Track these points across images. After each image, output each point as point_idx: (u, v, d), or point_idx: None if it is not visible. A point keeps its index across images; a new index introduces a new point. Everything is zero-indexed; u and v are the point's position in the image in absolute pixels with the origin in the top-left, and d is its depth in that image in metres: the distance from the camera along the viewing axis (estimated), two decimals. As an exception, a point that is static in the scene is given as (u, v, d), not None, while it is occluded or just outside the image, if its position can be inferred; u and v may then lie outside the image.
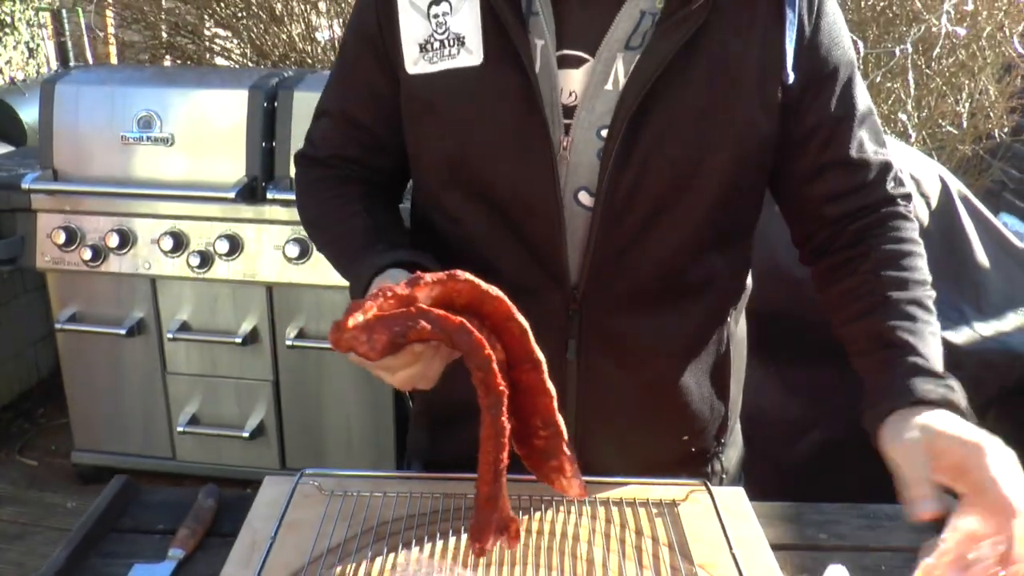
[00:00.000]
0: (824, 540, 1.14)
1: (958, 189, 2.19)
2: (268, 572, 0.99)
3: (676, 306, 1.14)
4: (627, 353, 1.14)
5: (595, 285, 1.09)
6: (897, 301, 1.07)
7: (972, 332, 1.95)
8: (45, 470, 3.08)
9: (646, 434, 1.20)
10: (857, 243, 1.13)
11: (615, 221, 1.06)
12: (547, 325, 1.09)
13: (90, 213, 2.60)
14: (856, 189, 1.12)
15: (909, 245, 1.12)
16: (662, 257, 1.09)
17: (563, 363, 1.13)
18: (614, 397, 1.16)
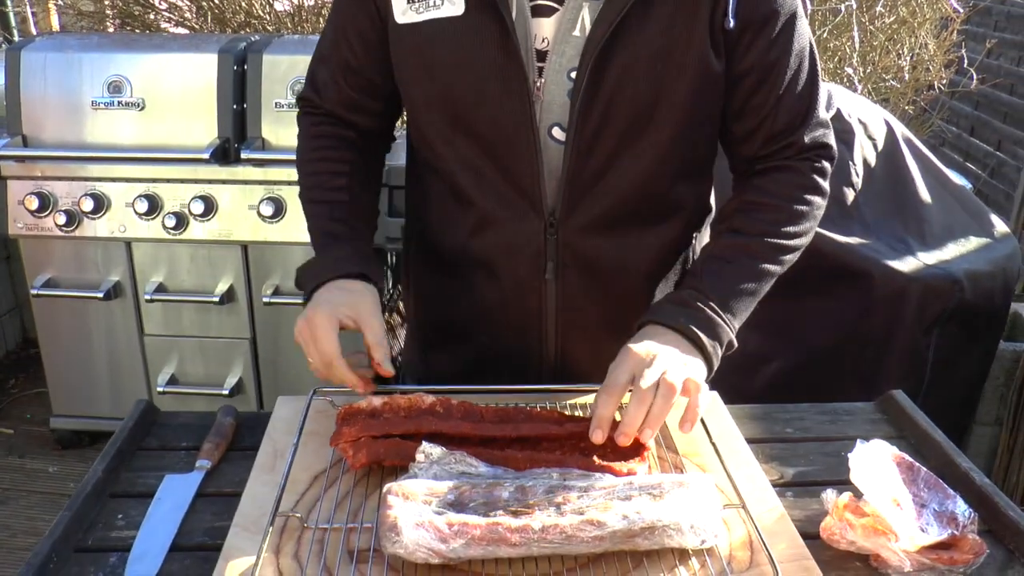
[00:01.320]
0: (791, 433, 1.26)
1: (902, 132, 2.33)
2: (292, 475, 1.08)
3: (644, 229, 1.26)
4: (599, 272, 1.27)
5: (570, 211, 1.21)
6: (723, 242, 1.23)
7: (916, 261, 2.09)
8: (22, 438, 3.10)
9: (617, 343, 1.31)
10: (745, 189, 1.26)
11: (586, 153, 1.18)
12: (527, 249, 1.24)
13: (62, 179, 2.61)
14: (771, 135, 1.22)
15: (773, 199, 1.23)
16: (630, 184, 1.21)
17: (542, 283, 1.26)
18: (588, 312, 1.29)
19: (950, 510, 1.02)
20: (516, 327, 1.30)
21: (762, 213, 1.23)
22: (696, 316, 1.15)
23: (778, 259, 1.22)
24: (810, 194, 1.24)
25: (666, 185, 1.24)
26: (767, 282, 1.22)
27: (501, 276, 1.27)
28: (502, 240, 1.25)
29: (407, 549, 0.92)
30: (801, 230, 1.23)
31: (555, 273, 1.25)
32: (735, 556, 0.98)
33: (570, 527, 0.93)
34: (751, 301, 1.21)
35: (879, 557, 0.98)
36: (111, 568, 0.98)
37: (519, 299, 1.28)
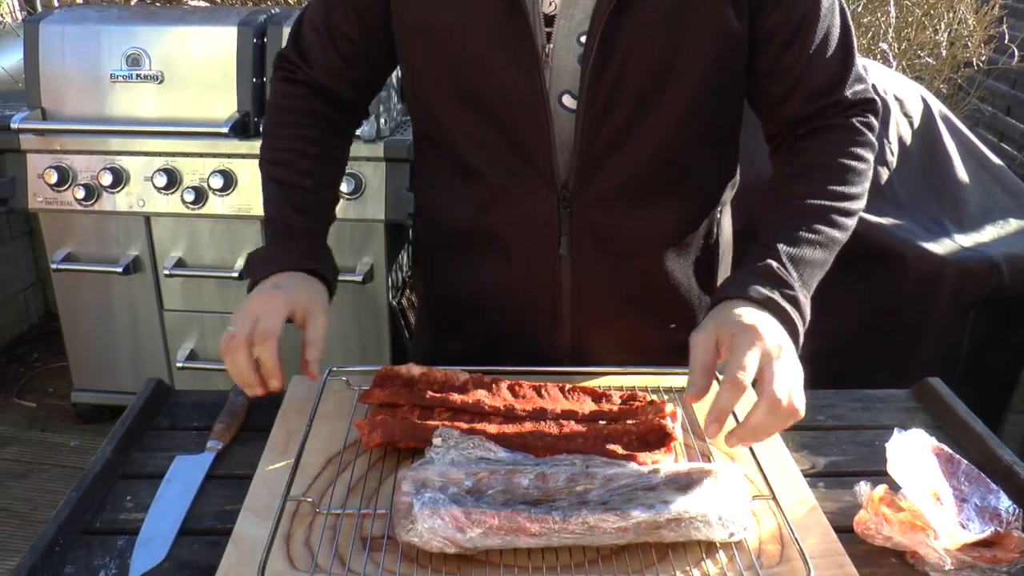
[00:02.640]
0: (822, 421, 1.21)
1: (939, 109, 2.25)
2: (306, 457, 1.05)
3: (662, 202, 1.21)
4: (616, 247, 1.21)
5: (583, 183, 1.16)
6: (793, 208, 1.13)
7: (952, 243, 2.03)
8: (44, 411, 3.11)
9: (635, 323, 1.29)
10: (795, 152, 1.18)
11: (598, 121, 1.12)
12: (540, 223, 1.19)
13: (81, 152, 2.59)
14: (810, 93, 1.15)
15: (829, 159, 1.15)
16: (645, 155, 1.15)
17: (556, 258, 1.21)
18: (605, 288, 1.24)
19: (993, 505, 0.97)
20: (530, 306, 1.26)
21: (821, 174, 1.15)
22: (787, 295, 1.05)
23: (843, 224, 1.13)
24: (863, 149, 1.17)
25: (685, 154, 1.19)
26: (834, 251, 1.13)
27: (513, 253, 1.23)
28: (514, 215, 1.20)
29: (422, 538, 0.88)
30: (860, 191, 1.16)
31: (569, 248, 1.20)
32: (764, 550, 0.94)
33: (592, 518, 0.89)
34: (819, 274, 1.12)
35: (916, 554, 0.94)
36: (119, 551, 0.95)
37: (532, 277, 1.23)
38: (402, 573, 0.89)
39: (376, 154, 2.48)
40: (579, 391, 1.14)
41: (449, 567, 0.90)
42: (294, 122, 1.25)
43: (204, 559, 0.94)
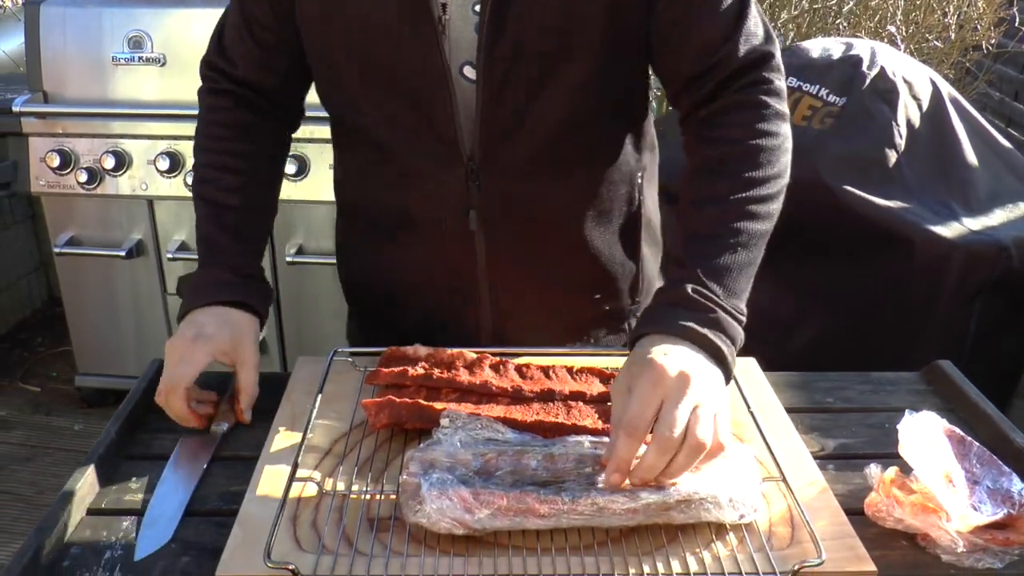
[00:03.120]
0: (832, 403, 1.21)
1: (948, 92, 2.23)
2: (312, 438, 1.04)
3: (573, 171, 1.19)
4: (529, 218, 1.20)
5: (489, 155, 1.14)
6: (705, 214, 1.07)
7: (960, 226, 2.01)
8: (48, 396, 3.11)
9: (558, 296, 1.27)
10: (701, 143, 1.12)
11: (499, 92, 1.10)
12: (450, 199, 1.17)
13: (83, 136, 2.58)
14: (700, 47, 1.09)
15: (732, 145, 1.08)
16: (551, 123, 1.13)
17: (467, 233, 1.19)
18: (522, 262, 1.23)
19: (1005, 488, 0.96)
20: (447, 286, 1.25)
21: (727, 167, 1.08)
22: (706, 319, 0.98)
23: (763, 214, 1.06)
24: (770, 123, 1.08)
25: (595, 123, 1.16)
26: (760, 244, 1.06)
27: (426, 232, 1.22)
28: (424, 191, 1.19)
29: (430, 519, 0.88)
30: (777, 170, 1.08)
31: (480, 223, 1.18)
32: (775, 532, 0.93)
33: (602, 499, 0.88)
34: (750, 273, 1.05)
35: (928, 536, 0.93)
36: (124, 532, 0.95)
37: (447, 256, 1.22)
38: (409, 554, 0.88)
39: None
40: (587, 372, 1.13)
41: (457, 548, 0.89)
42: (219, 135, 1.24)
43: (210, 540, 0.93)
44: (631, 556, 0.89)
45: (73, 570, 0.90)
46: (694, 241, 1.06)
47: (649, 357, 0.93)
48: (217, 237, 1.20)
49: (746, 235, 1.04)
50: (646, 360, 0.93)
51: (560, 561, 0.88)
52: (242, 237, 1.22)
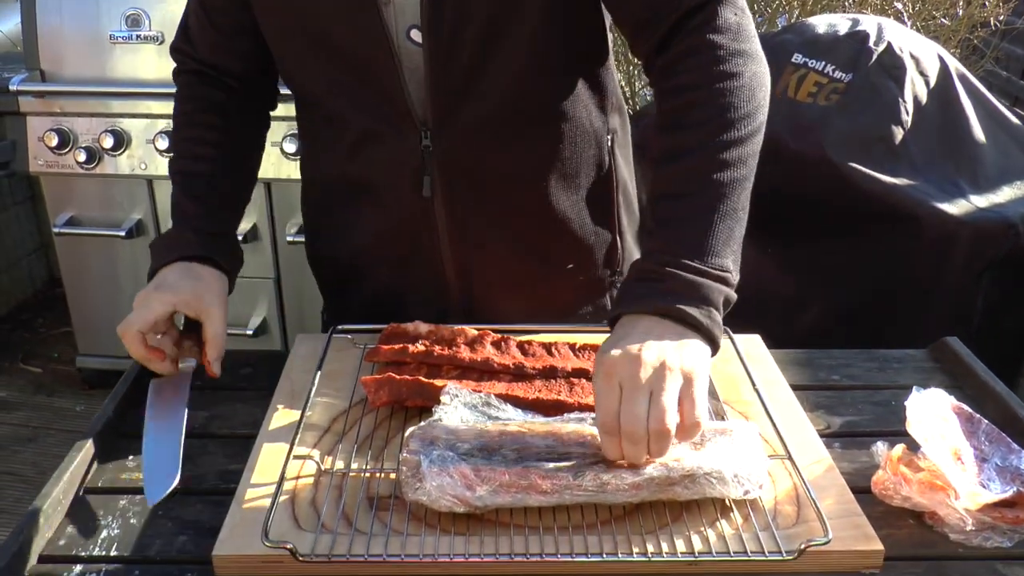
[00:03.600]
0: (838, 380, 1.19)
1: (956, 68, 2.20)
2: (311, 416, 1.03)
3: (534, 134, 1.16)
4: (489, 184, 1.17)
5: (442, 120, 1.12)
6: (663, 174, 1.01)
7: (968, 204, 1.99)
8: (50, 377, 3.11)
9: (528, 267, 1.24)
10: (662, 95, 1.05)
11: (446, 53, 1.08)
12: (406, 166, 1.15)
13: (82, 115, 2.56)
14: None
15: (692, 92, 1.00)
16: (505, 85, 1.10)
17: (425, 202, 1.17)
18: (485, 231, 1.20)
19: (1014, 465, 0.95)
20: (410, 258, 1.23)
21: (687, 115, 0.99)
22: (672, 288, 0.92)
23: (734, 158, 0.96)
24: (727, 63, 0.99)
25: (548, 81, 1.13)
26: (739, 192, 0.96)
27: (385, 200, 1.20)
28: (379, 159, 1.17)
29: (430, 496, 0.86)
30: (743, 112, 0.98)
31: (436, 190, 1.16)
32: (781, 510, 0.91)
33: (606, 475, 0.87)
34: (731, 225, 0.95)
35: (935, 515, 0.92)
36: (121, 510, 0.94)
37: (406, 224, 1.20)
38: (410, 533, 0.87)
39: None
40: (589, 349, 1.12)
41: (458, 527, 0.88)
42: (188, 111, 1.24)
43: (208, 519, 0.92)
44: (635, 535, 0.87)
45: (70, 548, 0.89)
46: (663, 202, 0.99)
47: (601, 356, 0.90)
48: (185, 205, 1.20)
49: (719, 186, 0.96)
50: (600, 359, 0.90)
51: (563, 540, 0.87)
52: (210, 203, 1.20)
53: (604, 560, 0.85)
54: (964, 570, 0.87)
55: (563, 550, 0.85)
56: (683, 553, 0.86)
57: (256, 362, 1.19)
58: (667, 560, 0.85)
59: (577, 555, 0.85)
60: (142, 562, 0.87)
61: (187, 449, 1.03)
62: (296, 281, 2.71)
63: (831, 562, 0.86)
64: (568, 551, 0.85)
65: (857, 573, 0.86)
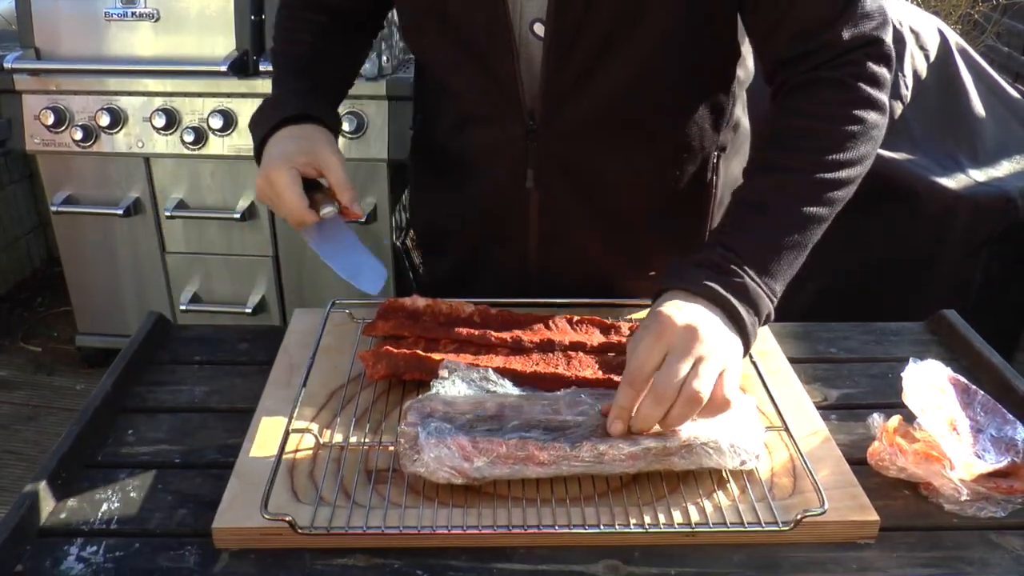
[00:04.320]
0: (835, 353, 1.19)
1: (956, 42, 2.19)
2: (309, 390, 1.03)
3: (635, 143, 1.15)
4: (586, 185, 1.17)
5: (551, 115, 1.12)
6: (756, 183, 1.02)
7: (967, 178, 1.99)
8: (50, 355, 3.11)
9: (609, 266, 1.25)
10: (783, 111, 1.05)
11: (566, 51, 1.07)
12: (507, 154, 1.16)
13: (78, 93, 2.55)
14: (797, 31, 1.02)
15: (813, 120, 1.01)
16: (618, 88, 1.09)
17: (522, 191, 1.18)
18: (575, 226, 1.20)
19: (1009, 436, 0.95)
20: (497, 235, 1.24)
21: (801, 141, 1.00)
22: (731, 283, 0.93)
23: (826, 198, 0.98)
24: (860, 109, 1.00)
25: (665, 91, 1.11)
26: (815, 231, 0.99)
27: (482, 179, 1.20)
28: (483, 140, 1.18)
29: (428, 468, 0.87)
30: (853, 157, 0.99)
31: (535, 182, 1.16)
32: (777, 482, 0.92)
33: (603, 445, 0.87)
34: (795, 257, 0.98)
35: (930, 485, 0.92)
36: (121, 485, 0.94)
37: (499, 206, 1.21)
38: (408, 506, 0.88)
39: (378, 92, 2.43)
40: (587, 323, 1.12)
41: (456, 499, 0.89)
42: (295, 16, 1.25)
43: (207, 492, 0.92)
44: (632, 507, 0.88)
45: (70, 522, 0.89)
46: (745, 208, 1.00)
47: (659, 310, 0.91)
48: (284, 78, 1.21)
49: (800, 216, 0.97)
50: (656, 314, 0.90)
51: (560, 512, 0.87)
52: (310, 76, 1.20)
53: (602, 531, 0.85)
54: (958, 540, 0.88)
55: (561, 522, 0.86)
56: (680, 524, 0.86)
57: (254, 337, 1.19)
58: (664, 531, 0.85)
59: (575, 527, 0.85)
60: (142, 535, 0.88)
61: (186, 424, 1.04)
62: (295, 259, 2.71)
63: (827, 532, 0.87)
64: (566, 523, 0.86)
65: (853, 543, 0.87)
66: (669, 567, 0.83)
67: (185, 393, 1.10)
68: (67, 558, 0.85)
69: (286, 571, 0.83)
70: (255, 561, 0.84)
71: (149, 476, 0.95)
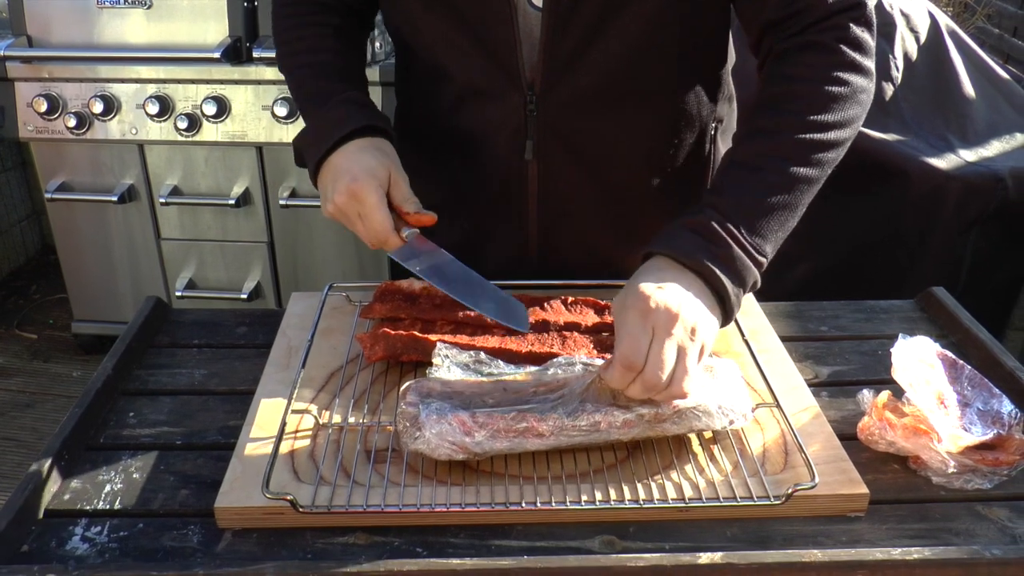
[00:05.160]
0: (826, 331, 1.21)
1: (946, 24, 2.20)
2: (308, 372, 1.04)
3: (634, 113, 1.15)
4: (586, 157, 1.18)
5: (550, 86, 1.12)
6: (746, 146, 1.04)
7: (957, 158, 2.00)
8: (46, 343, 3.12)
9: (609, 239, 1.25)
10: (770, 77, 1.07)
11: (564, 21, 1.07)
12: (506, 126, 1.15)
13: (71, 80, 2.54)
14: None
15: (799, 84, 1.03)
16: (616, 58, 1.10)
17: (521, 164, 1.18)
18: (574, 199, 1.21)
19: (995, 409, 0.97)
20: (497, 211, 1.23)
21: (789, 103, 1.02)
22: (718, 252, 0.96)
23: (815, 159, 1.00)
24: (845, 71, 1.02)
25: (662, 61, 1.12)
26: (805, 191, 1.00)
27: (481, 155, 1.20)
28: (481, 116, 1.17)
29: (429, 444, 0.88)
30: (841, 118, 1.01)
31: (535, 153, 1.16)
32: (769, 457, 0.94)
33: (599, 415, 0.89)
34: (786, 217, 1.00)
35: (919, 459, 0.94)
36: (124, 466, 0.96)
37: (499, 181, 1.21)
38: (407, 484, 0.89)
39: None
40: (581, 303, 1.13)
41: (454, 478, 0.90)
42: (301, 12, 1.22)
43: (208, 473, 0.94)
44: (627, 483, 0.90)
45: (75, 503, 0.91)
46: (733, 169, 1.02)
47: (640, 287, 0.92)
48: (322, 87, 1.16)
49: (790, 177, 0.99)
50: (638, 291, 0.92)
51: (557, 489, 0.89)
52: (346, 81, 1.18)
53: (597, 507, 0.87)
54: (946, 511, 0.90)
55: (557, 499, 0.87)
56: (674, 500, 0.88)
57: (252, 321, 1.21)
58: (659, 506, 0.87)
59: (571, 503, 0.87)
60: (145, 515, 0.89)
61: (187, 406, 1.05)
62: (290, 245, 2.71)
63: (818, 506, 0.89)
64: (562, 499, 0.87)
65: (843, 516, 0.89)
66: (663, 541, 0.85)
67: (185, 376, 1.11)
68: (72, 538, 0.86)
69: (287, 550, 0.84)
70: (257, 540, 0.85)
71: (151, 457, 0.97)
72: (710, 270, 0.95)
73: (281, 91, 2.46)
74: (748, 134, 1.05)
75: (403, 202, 1.09)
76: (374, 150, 1.10)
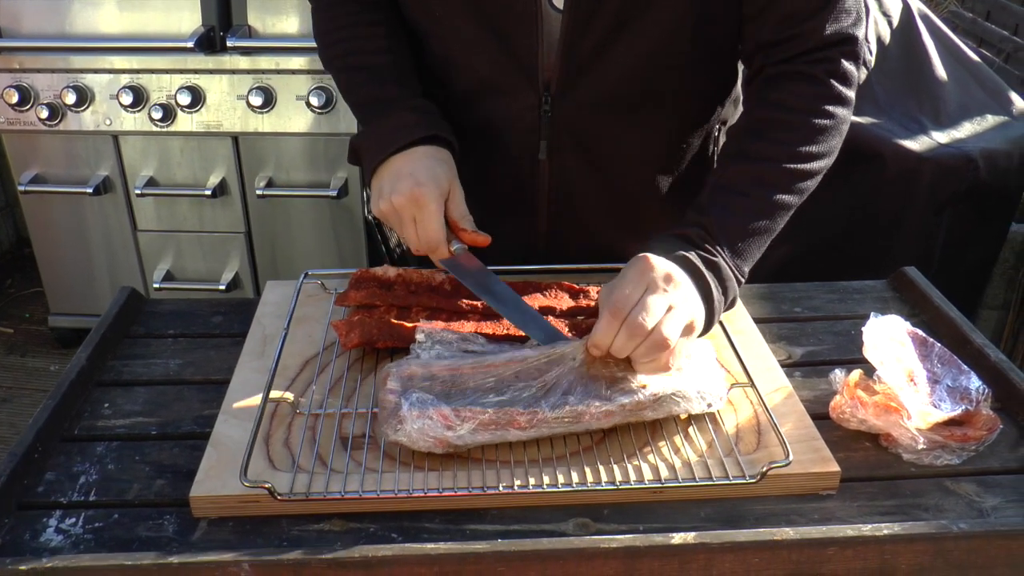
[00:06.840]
0: (799, 312, 1.22)
1: (918, 8, 2.22)
2: (283, 360, 1.04)
3: (645, 118, 1.17)
4: (599, 158, 1.19)
5: (566, 86, 1.12)
6: (733, 169, 1.07)
7: (929, 140, 2.02)
8: (23, 337, 3.09)
9: (617, 240, 1.25)
10: (759, 102, 1.09)
11: (583, 24, 1.08)
12: (521, 124, 1.16)
13: (42, 71, 2.51)
14: (784, 16, 1.06)
15: (788, 113, 1.06)
16: (631, 64, 1.11)
17: (535, 163, 1.18)
18: (586, 200, 1.22)
19: (964, 386, 0.98)
20: (507, 206, 1.24)
21: (776, 132, 1.06)
22: (706, 260, 1.00)
23: (796, 187, 1.05)
24: (832, 104, 1.06)
25: (675, 68, 1.13)
26: (784, 216, 1.05)
27: (493, 151, 1.20)
28: (496, 111, 1.17)
29: (411, 438, 0.88)
30: (823, 149, 1.06)
31: (548, 153, 1.17)
32: (743, 437, 0.95)
33: (580, 406, 0.90)
34: (764, 242, 1.05)
35: (890, 436, 0.95)
36: (98, 457, 0.95)
37: (511, 176, 1.21)
38: (384, 471, 0.89)
39: None
40: (556, 288, 1.14)
41: (432, 463, 0.91)
42: (348, 11, 1.20)
43: (184, 463, 0.94)
44: (604, 465, 0.90)
45: (49, 495, 0.90)
46: (721, 192, 1.06)
47: (643, 254, 0.96)
48: (381, 92, 1.16)
49: (773, 205, 1.04)
50: (640, 257, 0.96)
51: (533, 472, 0.89)
52: (404, 85, 1.17)
53: (574, 490, 0.88)
54: (915, 487, 0.91)
55: (534, 482, 0.88)
56: (650, 480, 0.89)
57: (227, 310, 1.20)
58: (634, 487, 0.88)
59: (548, 486, 0.88)
60: (121, 506, 0.89)
61: (162, 396, 1.05)
62: (267, 235, 2.70)
63: (791, 484, 0.90)
64: (539, 482, 0.88)
65: (815, 494, 0.90)
66: (637, 523, 0.86)
67: (160, 366, 1.11)
68: (47, 530, 0.86)
69: (263, 538, 0.84)
70: (233, 529, 0.85)
71: (126, 448, 0.97)
72: (700, 270, 0.99)
73: (256, 80, 2.45)
74: (736, 156, 1.09)
75: (460, 218, 1.10)
76: (439, 160, 1.10)
